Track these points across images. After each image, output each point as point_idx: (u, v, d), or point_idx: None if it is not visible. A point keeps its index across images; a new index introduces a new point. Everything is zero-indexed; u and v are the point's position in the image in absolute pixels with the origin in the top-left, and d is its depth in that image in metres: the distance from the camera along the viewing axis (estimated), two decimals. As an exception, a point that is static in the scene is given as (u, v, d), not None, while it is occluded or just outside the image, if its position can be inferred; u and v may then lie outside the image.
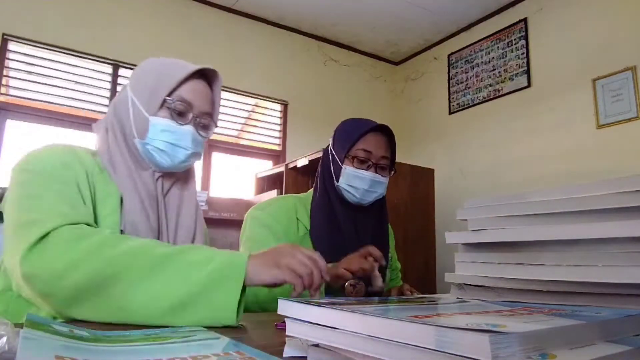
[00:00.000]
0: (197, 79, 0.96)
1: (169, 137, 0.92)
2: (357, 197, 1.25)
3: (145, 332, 0.63)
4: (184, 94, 0.93)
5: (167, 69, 0.95)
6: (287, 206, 1.29)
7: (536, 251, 0.61)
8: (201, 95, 0.96)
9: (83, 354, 0.46)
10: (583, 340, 0.37)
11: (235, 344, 0.54)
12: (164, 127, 0.91)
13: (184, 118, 0.94)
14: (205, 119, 0.98)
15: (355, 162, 1.25)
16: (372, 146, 1.25)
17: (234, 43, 3.60)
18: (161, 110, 0.92)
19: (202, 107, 0.96)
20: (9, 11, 2.79)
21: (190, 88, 0.94)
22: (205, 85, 0.98)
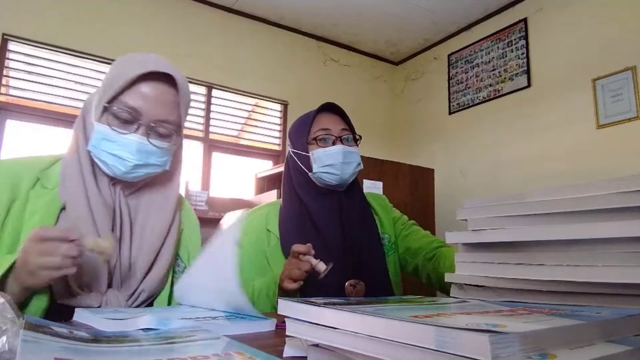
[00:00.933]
0: (152, 82, 0.86)
1: (108, 146, 0.84)
2: (336, 174, 1.21)
3: (146, 332, 0.63)
4: (129, 99, 0.85)
5: (121, 69, 0.87)
6: (259, 219, 1.26)
7: (536, 251, 0.61)
8: (154, 100, 0.86)
9: (82, 355, 0.46)
10: (583, 340, 0.37)
11: (235, 344, 0.54)
12: (104, 135, 0.84)
13: (128, 126, 0.85)
14: (164, 128, 0.88)
15: (319, 142, 1.23)
16: (327, 124, 1.25)
17: (234, 43, 3.60)
18: (104, 116, 0.85)
19: (156, 114, 0.86)
20: (9, 11, 2.79)
21: (139, 93, 0.85)
22: (163, 88, 0.87)
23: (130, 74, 0.84)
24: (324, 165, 1.21)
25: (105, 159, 0.85)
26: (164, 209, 0.96)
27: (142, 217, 0.93)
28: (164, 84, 0.88)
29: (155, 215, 0.94)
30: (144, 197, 0.95)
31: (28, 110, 2.82)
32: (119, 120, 0.85)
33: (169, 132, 0.89)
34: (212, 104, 3.48)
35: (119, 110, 0.84)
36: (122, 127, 0.85)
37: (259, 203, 3.21)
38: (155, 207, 0.95)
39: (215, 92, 3.49)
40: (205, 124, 3.44)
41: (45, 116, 2.87)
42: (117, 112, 0.84)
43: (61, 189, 0.86)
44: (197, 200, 2.92)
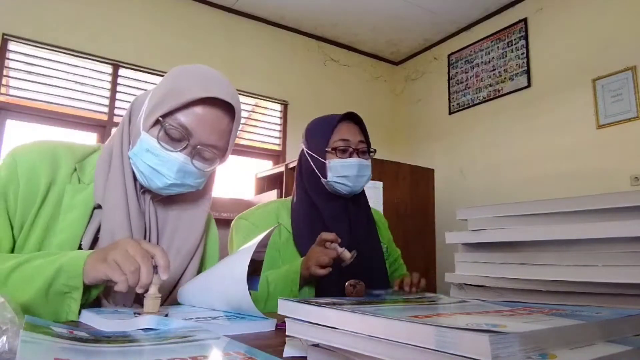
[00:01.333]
0: (210, 106, 0.84)
1: (150, 159, 0.83)
2: (349, 185, 1.26)
3: (146, 332, 0.63)
4: (183, 118, 0.82)
5: (183, 84, 0.84)
6: (268, 212, 1.30)
7: (536, 251, 0.61)
8: (208, 125, 0.84)
9: (82, 355, 0.46)
10: (583, 340, 0.37)
11: (235, 344, 0.54)
12: (149, 147, 0.83)
13: (175, 144, 0.83)
14: (209, 152, 0.86)
15: (338, 153, 1.27)
16: (348, 134, 1.28)
17: (234, 43, 3.60)
18: (154, 128, 0.83)
19: (206, 138, 0.84)
20: (9, 11, 2.79)
21: (194, 113, 0.83)
22: (219, 114, 0.85)
23: (191, 94, 0.82)
24: (338, 176, 1.26)
25: (143, 170, 0.84)
26: (192, 228, 0.94)
27: (169, 230, 0.92)
28: (220, 110, 0.85)
29: (182, 233, 0.93)
30: (172, 211, 0.93)
31: (28, 110, 2.82)
32: (168, 136, 0.83)
33: (214, 157, 0.88)
34: (212, 104, 3.47)
35: (171, 127, 0.82)
36: (169, 144, 0.83)
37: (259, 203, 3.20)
38: (184, 224, 0.93)
39: (215, 92, 3.49)
40: (205, 124, 3.44)
41: (45, 116, 2.87)
42: (169, 128, 0.82)
43: (98, 187, 0.85)
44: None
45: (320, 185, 1.29)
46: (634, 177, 2.62)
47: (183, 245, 0.92)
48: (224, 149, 0.89)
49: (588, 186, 2.78)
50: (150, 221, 0.89)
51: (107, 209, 0.83)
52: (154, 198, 0.91)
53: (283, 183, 3.14)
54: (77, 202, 0.83)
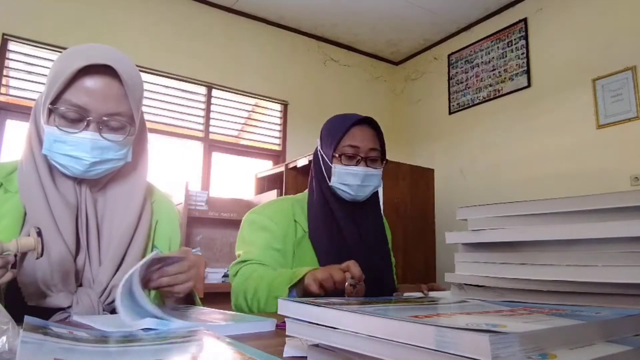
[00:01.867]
0: (95, 75, 0.82)
1: (61, 148, 0.81)
2: (351, 194, 1.23)
3: (146, 332, 0.63)
4: (72, 97, 0.81)
5: (62, 65, 0.82)
6: (284, 208, 1.27)
7: (536, 251, 0.61)
8: (99, 94, 0.82)
9: (82, 355, 0.46)
10: (583, 340, 0.37)
11: (235, 344, 0.54)
12: (55, 137, 0.81)
13: (76, 125, 0.82)
14: (114, 121, 0.84)
15: (343, 159, 1.23)
16: (358, 140, 1.23)
17: (234, 43, 3.60)
18: (51, 117, 0.82)
19: (103, 108, 0.82)
20: (9, 11, 2.79)
21: (82, 88, 0.81)
22: (106, 80, 0.83)
23: (70, 70, 0.79)
24: (341, 183, 1.23)
25: (61, 160, 0.83)
26: (130, 201, 0.92)
27: (109, 212, 0.91)
28: (107, 76, 0.83)
29: (121, 209, 0.91)
30: (109, 192, 0.92)
31: (28, 110, 2.81)
32: (66, 120, 0.81)
33: (122, 124, 0.85)
34: (212, 104, 3.48)
35: (64, 109, 0.81)
36: (71, 127, 0.82)
37: (259, 203, 3.21)
38: (122, 201, 0.92)
39: (215, 92, 3.50)
40: (205, 124, 3.44)
41: (45, 116, 2.87)
42: (63, 112, 0.81)
43: (21, 194, 0.85)
44: (197, 200, 2.92)
45: (329, 187, 1.27)
46: (634, 177, 2.62)
47: (122, 223, 0.91)
48: (129, 115, 0.86)
49: (588, 186, 2.78)
50: (87, 211, 0.88)
51: (30, 211, 0.83)
52: (93, 187, 0.90)
53: (283, 183, 3.14)
54: (6, 211, 0.83)
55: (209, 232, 3.05)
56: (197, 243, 2.97)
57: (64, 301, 0.81)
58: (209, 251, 3.02)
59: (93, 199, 0.90)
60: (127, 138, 0.87)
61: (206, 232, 3.04)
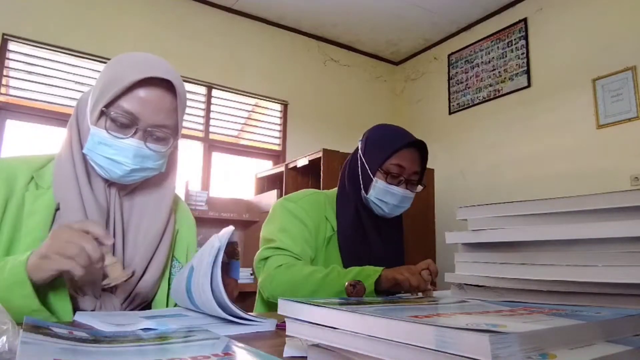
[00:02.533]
0: (151, 86, 0.85)
1: (105, 150, 0.84)
2: (385, 211, 1.24)
3: (146, 332, 0.63)
4: (126, 104, 0.83)
5: (118, 72, 0.85)
6: (318, 203, 1.27)
7: (536, 251, 0.61)
8: (152, 105, 0.85)
9: (82, 355, 0.46)
10: (583, 340, 0.37)
11: (235, 344, 0.54)
12: (101, 139, 0.84)
13: (125, 131, 0.84)
14: (160, 132, 0.87)
15: (388, 177, 1.21)
16: (406, 162, 1.22)
17: (234, 43, 3.60)
18: (101, 120, 0.84)
19: (153, 119, 0.85)
20: (9, 11, 2.79)
21: (136, 97, 0.84)
22: (160, 93, 0.86)
23: (128, 79, 0.82)
24: (378, 199, 1.23)
25: (101, 162, 0.85)
26: (158, 210, 0.94)
27: (135, 219, 0.93)
28: (162, 89, 0.86)
29: (149, 217, 0.93)
30: (138, 199, 0.94)
31: (28, 110, 2.82)
32: (116, 124, 0.84)
33: (166, 136, 0.89)
34: (212, 104, 3.48)
35: (116, 115, 0.83)
36: (119, 132, 0.84)
37: (258, 203, 3.21)
38: (150, 209, 0.94)
39: (215, 92, 3.49)
40: (205, 124, 3.44)
41: (45, 116, 2.87)
42: (114, 117, 0.83)
43: (55, 189, 0.86)
44: (197, 200, 2.92)
45: (359, 194, 1.26)
46: (634, 177, 2.62)
47: (149, 231, 0.92)
48: (175, 127, 0.90)
49: (588, 186, 2.78)
50: (115, 215, 0.89)
51: (63, 208, 0.84)
52: (122, 191, 0.92)
53: (283, 183, 3.14)
54: (38, 207, 0.84)
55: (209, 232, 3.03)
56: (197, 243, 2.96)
57: (88, 305, 0.82)
58: (209, 251, 3.00)
59: (121, 204, 0.91)
60: (168, 150, 0.90)
61: (206, 232, 3.03)
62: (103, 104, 0.83)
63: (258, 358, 0.47)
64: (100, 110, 0.83)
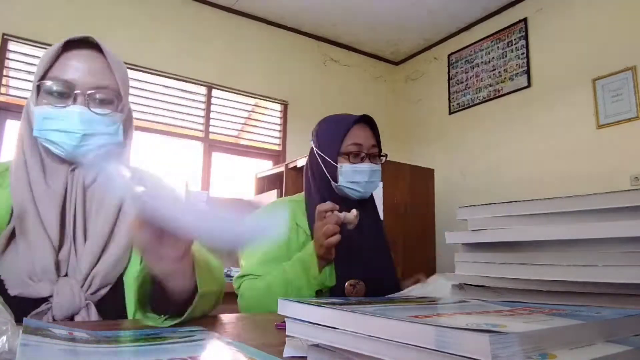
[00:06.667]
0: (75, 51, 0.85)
1: (51, 124, 0.82)
2: (360, 191, 1.24)
3: (146, 332, 0.63)
4: (58, 73, 0.83)
5: (46, 51, 0.85)
6: (286, 212, 1.26)
7: (536, 251, 0.61)
8: (83, 68, 0.84)
9: (81, 356, 0.46)
10: (583, 340, 0.37)
11: (234, 344, 0.54)
12: (44, 114, 0.83)
13: (64, 99, 0.83)
14: (100, 93, 0.85)
15: (350, 158, 1.23)
16: (360, 138, 1.25)
17: (234, 43, 3.60)
18: (40, 97, 0.84)
19: (88, 80, 0.84)
20: (9, 11, 2.79)
21: (65, 64, 0.84)
22: (87, 54, 0.86)
23: (54, 49, 0.84)
24: (350, 181, 1.23)
25: (52, 137, 0.83)
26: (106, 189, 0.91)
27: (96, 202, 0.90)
28: (88, 51, 0.87)
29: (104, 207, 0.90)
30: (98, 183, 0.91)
31: (28, 110, 2.82)
32: (54, 95, 0.83)
33: (109, 97, 0.87)
34: (212, 104, 3.48)
35: (50, 84, 0.83)
36: (59, 102, 0.83)
37: (258, 203, 3.21)
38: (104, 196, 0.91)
39: (215, 92, 3.49)
40: (205, 124, 3.44)
41: (45, 116, 2.87)
42: (49, 86, 0.83)
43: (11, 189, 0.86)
44: (197, 200, 2.92)
45: (330, 187, 1.26)
46: (634, 177, 2.62)
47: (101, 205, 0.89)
48: (115, 89, 0.88)
49: (588, 186, 2.78)
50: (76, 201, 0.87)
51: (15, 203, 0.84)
52: (86, 176, 0.89)
53: (283, 183, 3.14)
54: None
55: (209, 232, 3.04)
56: (197, 243, 2.96)
57: (44, 291, 0.80)
58: (209, 251, 3.01)
59: (84, 189, 0.89)
60: (115, 113, 0.88)
61: (206, 232, 3.03)
62: (37, 79, 0.83)
63: (258, 358, 0.47)
64: (36, 86, 0.83)
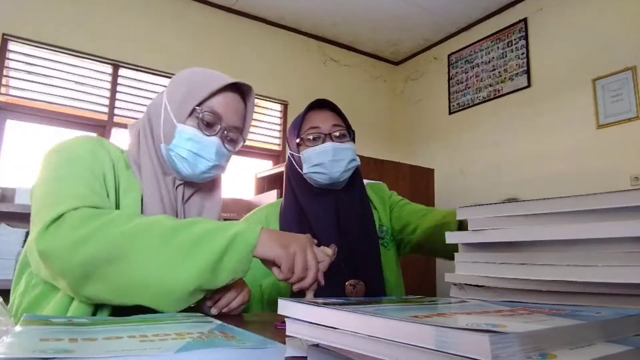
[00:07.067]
0: (230, 92, 0.96)
1: (192, 146, 0.91)
2: (325, 172, 1.16)
3: (144, 316, 0.64)
4: (214, 105, 0.93)
5: (202, 78, 0.96)
6: (259, 219, 1.25)
7: (536, 251, 0.61)
8: (232, 109, 0.96)
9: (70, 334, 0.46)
10: (583, 340, 0.37)
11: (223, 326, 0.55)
12: (190, 135, 0.91)
13: (211, 129, 0.93)
14: (234, 133, 0.98)
15: (307, 142, 1.20)
16: (317, 121, 1.21)
17: (234, 43, 3.60)
18: (189, 119, 0.93)
19: (232, 120, 0.96)
20: (9, 11, 2.79)
21: (221, 100, 0.94)
22: (238, 100, 0.98)
23: (216, 84, 0.93)
24: (312, 165, 1.17)
25: (187, 156, 0.91)
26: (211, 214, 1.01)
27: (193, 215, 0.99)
28: (238, 94, 0.99)
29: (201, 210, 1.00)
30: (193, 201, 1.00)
31: (28, 110, 2.82)
32: (203, 123, 0.92)
33: (238, 138, 0.99)
34: (212, 104, 3.47)
35: (206, 114, 0.92)
36: (205, 130, 0.93)
37: (258, 203, 3.21)
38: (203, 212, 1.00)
39: (215, 92, 3.49)
40: (205, 124, 3.44)
41: (45, 116, 2.87)
42: (204, 115, 0.92)
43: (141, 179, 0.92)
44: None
45: (304, 182, 1.22)
46: (634, 177, 2.62)
47: None
48: (242, 131, 1.01)
49: (588, 186, 2.78)
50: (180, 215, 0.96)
51: (146, 202, 0.90)
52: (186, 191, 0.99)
53: (283, 183, 3.14)
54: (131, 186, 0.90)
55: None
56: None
57: None
58: (209, 251, 3.01)
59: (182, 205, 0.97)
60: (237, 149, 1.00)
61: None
62: (195, 103, 0.92)
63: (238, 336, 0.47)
64: (193, 108, 0.92)
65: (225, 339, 0.49)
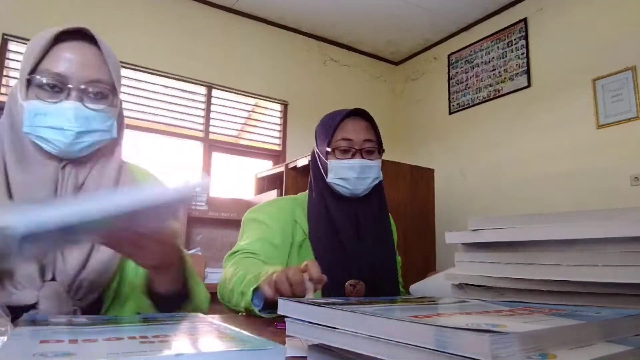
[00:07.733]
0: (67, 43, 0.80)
1: (43, 120, 0.77)
2: (349, 188, 1.19)
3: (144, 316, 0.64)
4: (49, 65, 0.78)
5: (35, 40, 0.80)
6: (283, 208, 1.23)
7: (536, 251, 0.61)
8: (77, 61, 0.80)
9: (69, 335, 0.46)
10: (583, 340, 0.37)
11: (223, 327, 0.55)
12: (36, 110, 0.77)
13: (56, 94, 0.78)
14: (95, 87, 0.81)
15: (337, 153, 1.20)
16: (351, 133, 1.20)
17: (234, 43, 3.60)
18: (30, 91, 0.78)
19: (82, 74, 0.79)
20: (9, 11, 2.79)
21: (58, 56, 0.79)
22: (81, 46, 0.81)
23: (45, 39, 0.78)
24: (338, 177, 1.19)
25: (44, 134, 0.78)
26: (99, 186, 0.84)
27: None
28: (82, 43, 0.82)
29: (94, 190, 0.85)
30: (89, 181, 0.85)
31: (28, 110, 2.82)
32: (45, 90, 0.78)
33: (104, 92, 0.83)
34: (212, 104, 3.48)
35: (42, 77, 0.77)
36: (51, 97, 0.78)
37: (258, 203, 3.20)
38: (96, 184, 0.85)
39: (215, 92, 3.49)
40: (205, 124, 3.44)
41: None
42: (40, 80, 0.78)
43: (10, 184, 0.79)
44: (197, 200, 2.92)
45: (327, 185, 1.23)
46: (634, 177, 2.62)
47: None
48: (110, 82, 0.84)
49: (588, 186, 2.78)
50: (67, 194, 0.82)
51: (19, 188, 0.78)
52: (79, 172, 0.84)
53: (283, 183, 3.14)
54: None
55: (209, 232, 3.05)
56: (197, 243, 2.97)
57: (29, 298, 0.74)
58: (209, 251, 3.01)
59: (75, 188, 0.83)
60: (110, 108, 0.84)
61: (206, 232, 3.04)
62: (27, 73, 0.78)
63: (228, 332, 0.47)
64: (26, 80, 0.78)
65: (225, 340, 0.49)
